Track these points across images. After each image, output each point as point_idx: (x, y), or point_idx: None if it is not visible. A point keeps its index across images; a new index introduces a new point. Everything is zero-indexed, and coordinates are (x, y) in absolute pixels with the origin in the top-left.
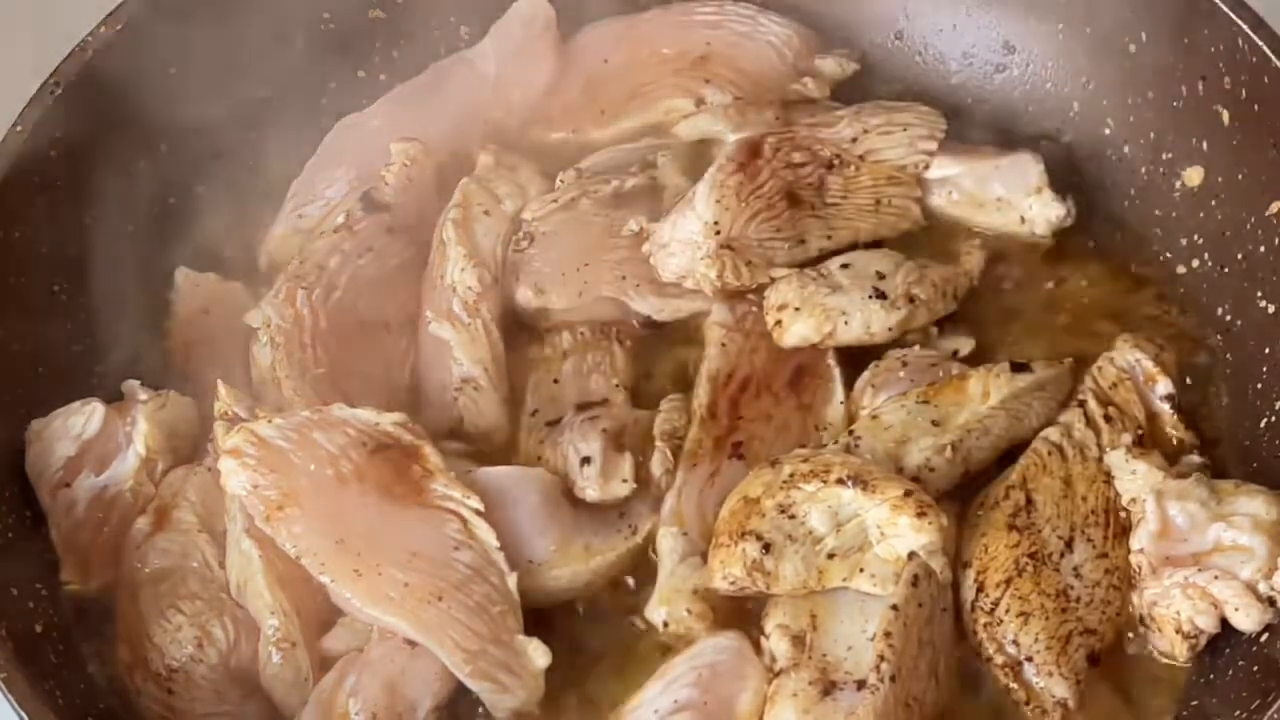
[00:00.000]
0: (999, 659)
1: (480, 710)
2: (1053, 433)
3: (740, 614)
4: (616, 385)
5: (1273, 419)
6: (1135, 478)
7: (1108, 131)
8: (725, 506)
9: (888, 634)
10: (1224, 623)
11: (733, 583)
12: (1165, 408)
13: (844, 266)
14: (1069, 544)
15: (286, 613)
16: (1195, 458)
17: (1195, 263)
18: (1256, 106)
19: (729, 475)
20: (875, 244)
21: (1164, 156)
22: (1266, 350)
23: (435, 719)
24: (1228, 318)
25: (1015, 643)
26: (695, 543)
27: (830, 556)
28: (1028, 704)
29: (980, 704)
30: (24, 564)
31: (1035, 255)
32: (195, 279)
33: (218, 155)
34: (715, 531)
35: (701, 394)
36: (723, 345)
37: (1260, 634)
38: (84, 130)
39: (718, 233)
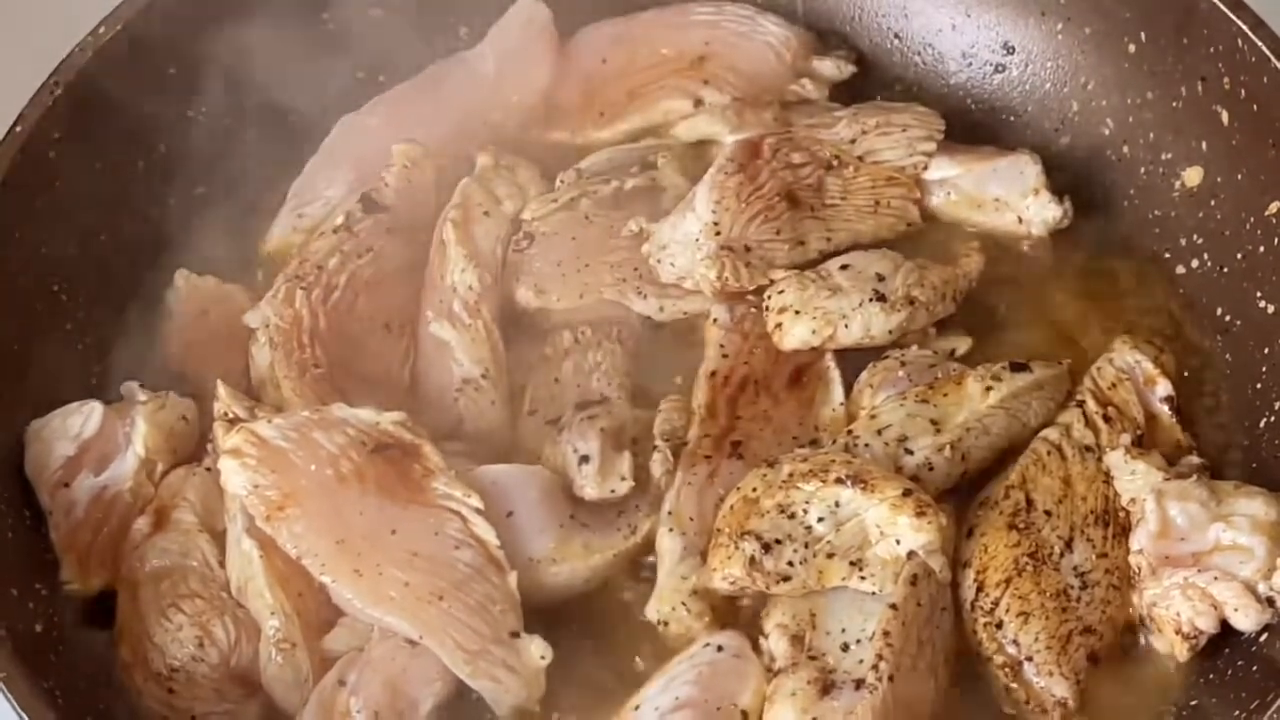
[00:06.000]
0: (999, 659)
1: (485, 710)
2: (1052, 433)
3: (739, 613)
4: (616, 385)
5: (1272, 419)
6: (1135, 478)
7: (1107, 132)
8: (724, 506)
9: (887, 633)
10: (1223, 623)
11: (732, 582)
12: (1164, 409)
13: (843, 268)
14: (1069, 544)
15: (287, 613)
16: (1194, 458)
17: (1194, 263)
18: (1255, 107)
19: (728, 475)
20: (875, 245)
21: (1163, 157)
22: (1266, 350)
23: (437, 717)
24: (1227, 318)
25: (1015, 642)
26: (694, 542)
27: (829, 556)
28: (1028, 704)
29: (980, 704)
30: (24, 564)
31: (1033, 256)
32: (194, 281)
33: (217, 155)
34: (714, 531)
35: (700, 394)
36: (722, 346)
37: (1259, 634)
38: (84, 130)
39: (717, 234)
